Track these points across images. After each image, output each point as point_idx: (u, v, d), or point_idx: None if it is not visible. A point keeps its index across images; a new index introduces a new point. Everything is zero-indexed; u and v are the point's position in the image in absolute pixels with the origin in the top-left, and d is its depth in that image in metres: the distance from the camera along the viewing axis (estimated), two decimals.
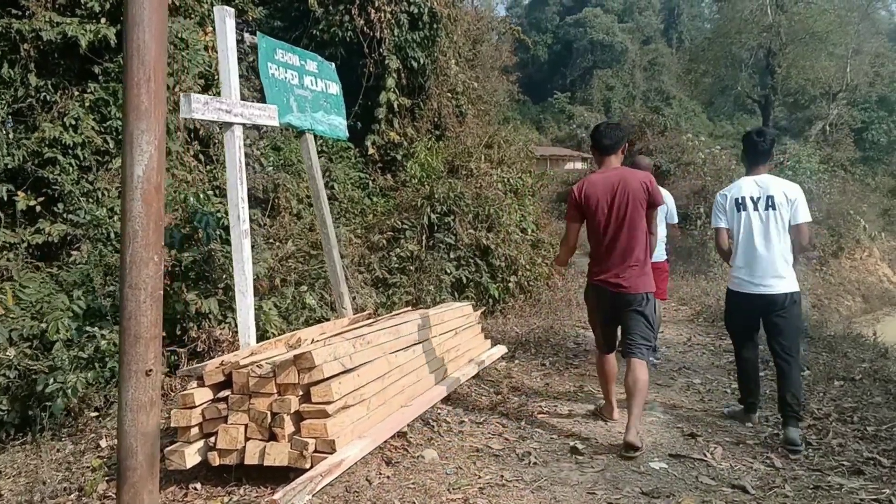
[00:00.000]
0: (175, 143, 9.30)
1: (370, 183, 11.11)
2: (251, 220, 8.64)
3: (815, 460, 3.79)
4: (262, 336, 6.59)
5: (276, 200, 9.35)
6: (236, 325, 6.56)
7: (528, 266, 10.01)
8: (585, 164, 34.44)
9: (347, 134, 5.92)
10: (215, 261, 6.54)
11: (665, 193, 6.04)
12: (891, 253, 37.15)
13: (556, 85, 51.83)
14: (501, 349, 6.05)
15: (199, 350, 6.05)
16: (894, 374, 5.43)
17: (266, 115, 4.52)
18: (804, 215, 4.23)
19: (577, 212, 4.21)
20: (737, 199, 4.35)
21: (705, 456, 3.83)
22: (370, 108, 11.81)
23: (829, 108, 37.65)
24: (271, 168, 9.45)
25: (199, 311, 6.25)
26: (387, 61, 11.41)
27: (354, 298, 7.85)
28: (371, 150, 11.57)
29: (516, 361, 5.97)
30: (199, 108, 3.85)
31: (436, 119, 12.93)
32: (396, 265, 8.57)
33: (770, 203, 4.23)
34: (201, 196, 6.95)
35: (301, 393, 3.37)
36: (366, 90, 11.89)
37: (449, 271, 8.61)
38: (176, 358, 6.07)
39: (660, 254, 5.75)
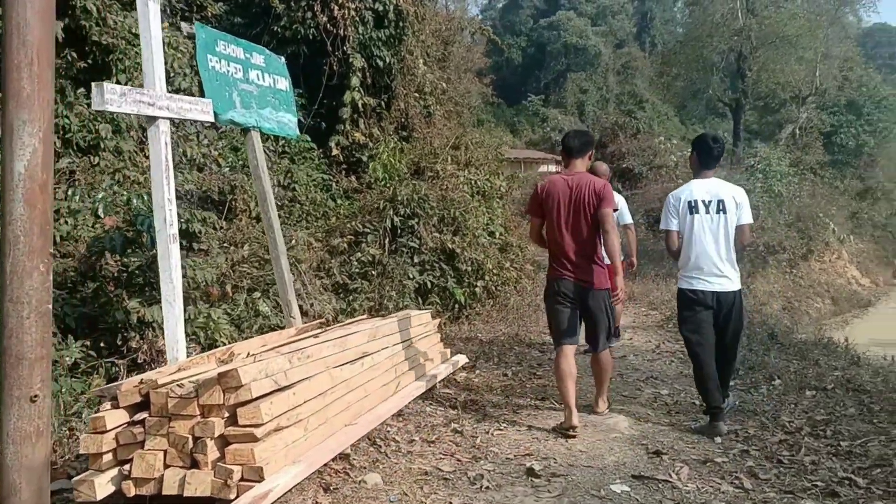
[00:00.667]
0: (127, 143, 8.92)
1: (333, 185, 10.78)
2: (206, 223, 8.32)
3: (787, 480, 3.53)
4: (210, 346, 6.26)
5: (233, 202, 9.00)
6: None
7: (495, 270, 9.74)
8: (559, 167, 34.31)
9: (297, 132, 5.60)
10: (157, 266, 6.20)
11: (619, 197, 6.48)
12: (859, 255, 37.50)
13: (530, 88, 51.75)
14: (462, 359, 5.76)
15: (139, 361, 5.70)
16: (867, 384, 5.22)
17: (199, 110, 4.18)
18: (747, 218, 4.50)
19: (538, 207, 4.56)
20: (689, 202, 4.50)
21: (671, 477, 3.56)
22: (334, 107, 11.48)
23: (798, 111, 37.93)
24: (228, 169, 9.09)
25: (142, 319, 5.90)
26: (351, 60, 11.09)
27: (312, 305, 7.53)
28: (335, 151, 11.23)
29: (477, 371, 5.68)
30: (115, 99, 3.50)
31: (402, 120, 12.63)
32: (357, 270, 8.25)
33: (721, 207, 4.43)
34: (145, 197, 6.59)
35: (227, 415, 3.05)
36: (330, 89, 11.56)
37: (412, 276, 8.31)
38: (116, 370, 5.72)
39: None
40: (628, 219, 6.74)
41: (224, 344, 6.39)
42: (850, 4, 39.28)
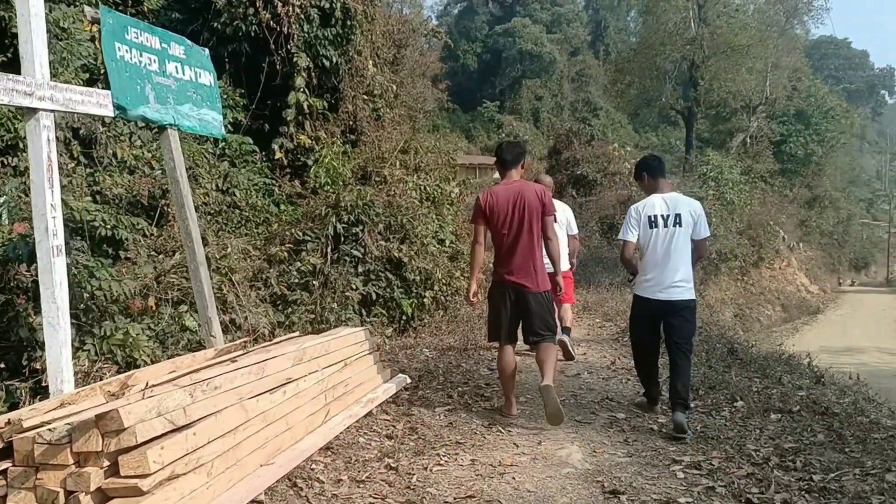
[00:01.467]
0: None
1: (276, 189, 10.23)
2: (135, 230, 7.73)
3: None
4: (129, 365, 5.70)
5: (166, 207, 8.43)
6: (97, 353, 5.69)
7: (445, 280, 9.32)
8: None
9: (223, 131, 5.10)
10: (72, 277, 5.62)
11: (564, 207, 7.16)
12: (807, 263, 38.17)
13: (485, 94, 51.67)
14: (403, 379, 5.29)
15: (45, 385, 5.12)
16: (834, 405, 4.93)
17: (93, 102, 3.65)
18: (705, 231, 4.76)
19: (482, 216, 4.81)
20: (650, 217, 4.75)
21: None
22: (278, 109, 10.95)
23: (749, 120, 38.46)
24: (160, 172, 8.51)
25: None
26: (295, 59, 10.58)
27: (247, 318, 7.01)
28: (278, 155, 10.69)
29: (420, 393, 5.22)
30: None
31: (350, 122, 12.14)
32: (297, 280, 7.74)
33: (678, 220, 4.68)
34: None
35: (107, 464, 2.55)
36: (273, 90, 11.02)
37: (356, 287, 7.83)
38: (19, 394, 5.14)
39: (565, 264, 6.53)
40: (575, 229, 7.29)
41: (146, 363, 5.85)
42: (799, 16, 40.03)
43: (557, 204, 7.06)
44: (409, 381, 5.36)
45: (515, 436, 4.36)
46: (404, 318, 8.61)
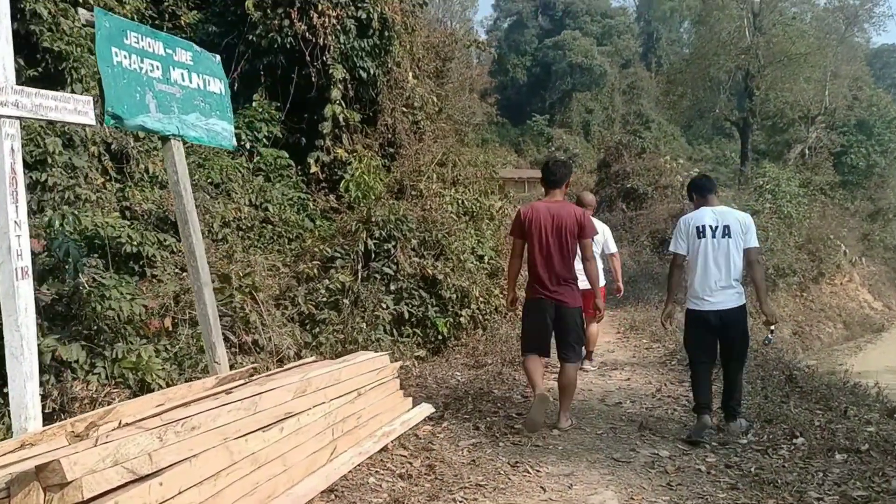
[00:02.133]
0: (80, 158, 8.19)
1: (311, 204, 9.98)
2: (162, 246, 7.53)
3: None
4: (142, 389, 5.44)
5: None
6: (107, 377, 5.44)
7: (483, 297, 8.92)
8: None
9: (235, 142, 4.81)
10: (81, 297, 5.39)
11: (602, 225, 7.07)
12: (870, 278, 36.53)
13: (535, 107, 51.34)
14: (426, 410, 4.88)
15: (47, 411, 4.87)
16: None
17: (69, 109, 3.35)
18: (753, 241, 4.86)
19: (520, 229, 4.96)
20: (698, 227, 4.87)
21: None
22: (315, 122, 10.74)
23: (807, 131, 37.14)
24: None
25: (59, 358, 5.11)
26: (331, 71, 10.35)
27: (270, 338, 6.72)
28: (314, 169, 10.46)
29: (445, 424, 4.82)
30: None
31: (389, 135, 11.85)
32: (325, 299, 7.42)
33: (727, 231, 4.80)
34: (70, 218, 5.81)
35: None
36: (310, 102, 10.83)
37: (386, 305, 7.48)
38: None
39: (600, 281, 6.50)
40: (613, 248, 7.31)
41: (161, 387, 5.58)
42: (860, 23, 38.62)
43: (595, 223, 7.21)
44: (433, 410, 4.95)
45: (544, 477, 3.93)
46: (440, 338, 8.24)
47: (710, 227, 4.80)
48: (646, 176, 25.63)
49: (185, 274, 7.21)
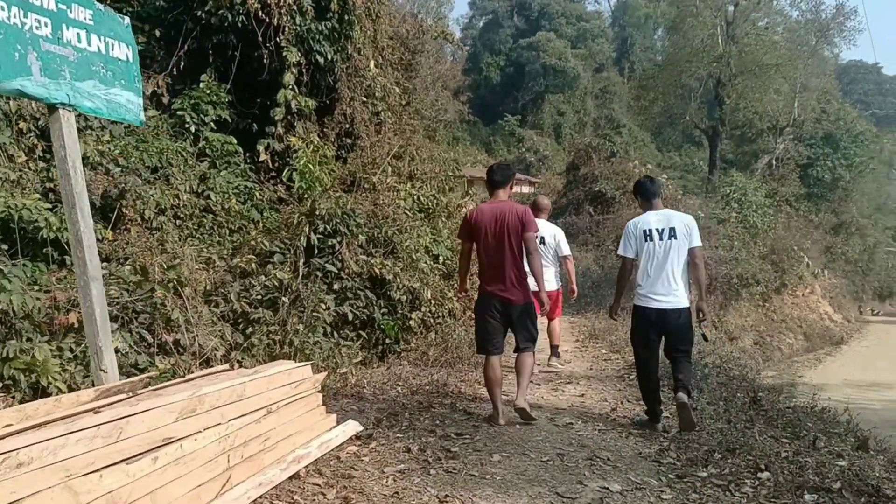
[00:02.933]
0: (3, 134, 7.53)
1: (257, 194, 9.36)
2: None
3: None
4: (36, 394, 4.83)
5: (124, 210, 7.60)
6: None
7: (438, 300, 8.41)
8: (533, 188, 33.33)
9: (141, 117, 4.21)
10: None
11: (556, 230, 7.50)
12: (832, 290, 36.76)
13: (507, 108, 51.01)
14: (351, 428, 4.32)
15: None
16: (885, 485, 3.90)
17: None
18: (697, 241, 5.08)
19: (468, 231, 5.20)
20: (645, 231, 5.13)
21: None
22: (267, 107, 10.13)
23: (775, 142, 37.30)
24: (119, 170, 7.68)
25: None
26: (285, 54, 9.75)
27: (195, 338, 6.12)
28: (263, 157, 9.85)
29: (373, 445, 4.27)
30: None
31: (347, 126, 11.27)
32: (261, 296, 6.84)
33: (672, 233, 5.05)
34: None
35: None
36: (262, 86, 10.22)
37: (327, 306, 6.92)
38: None
39: (551, 283, 7.04)
40: (566, 251, 7.41)
41: (59, 390, 4.97)
42: (830, 37, 38.80)
43: (548, 226, 7.48)
44: (360, 428, 4.40)
45: None
46: (387, 341, 7.71)
47: (657, 230, 5.06)
48: (614, 180, 25.30)
49: (112, 264, 6.60)
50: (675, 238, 5.01)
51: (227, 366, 4.05)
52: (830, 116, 39.87)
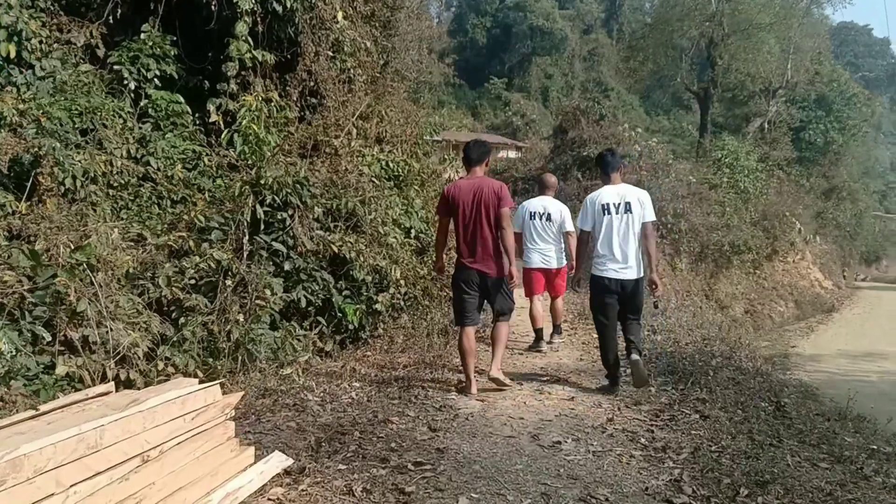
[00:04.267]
0: None
1: (205, 160, 8.28)
2: None
3: None
4: None
5: (40, 179, 6.55)
6: None
7: (411, 279, 7.45)
8: (520, 153, 32.30)
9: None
10: None
11: (562, 207, 7.20)
12: (822, 257, 36.16)
13: (493, 70, 50.05)
14: (274, 465, 3.32)
15: None
16: None
17: None
18: (651, 216, 5.38)
19: (446, 207, 5.32)
20: (603, 205, 5.39)
21: None
22: (220, 62, 9.00)
23: (767, 104, 36.34)
24: (33, 130, 6.60)
25: None
26: (237, 0, 8.59)
27: (109, 332, 5.11)
28: (214, 118, 8.72)
29: (305, 483, 3.30)
30: None
31: (311, 84, 10.14)
32: (196, 280, 5.84)
33: (627, 208, 5.34)
34: None
35: None
36: (213, 38, 9.07)
37: (274, 291, 5.92)
38: None
39: (560, 259, 7.18)
40: (570, 226, 7.11)
41: None
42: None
43: (555, 203, 7.19)
44: (288, 462, 3.41)
45: None
46: (350, 328, 6.75)
47: (614, 204, 5.33)
48: (603, 144, 24.24)
49: (19, 241, 5.59)
50: (631, 212, 5.29)
51: (105, 387, 3.05)
52: (823, 78, 38.98)
